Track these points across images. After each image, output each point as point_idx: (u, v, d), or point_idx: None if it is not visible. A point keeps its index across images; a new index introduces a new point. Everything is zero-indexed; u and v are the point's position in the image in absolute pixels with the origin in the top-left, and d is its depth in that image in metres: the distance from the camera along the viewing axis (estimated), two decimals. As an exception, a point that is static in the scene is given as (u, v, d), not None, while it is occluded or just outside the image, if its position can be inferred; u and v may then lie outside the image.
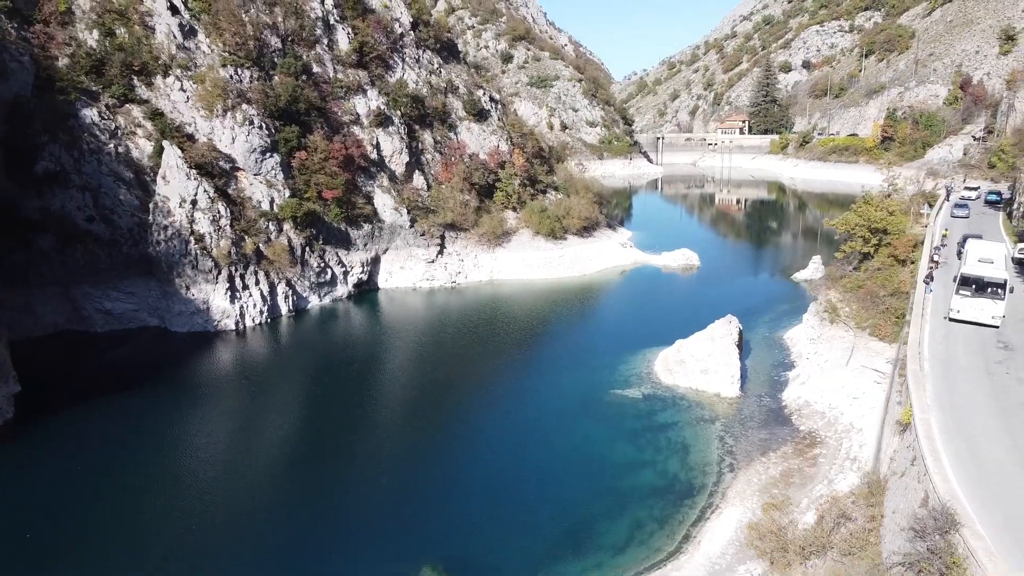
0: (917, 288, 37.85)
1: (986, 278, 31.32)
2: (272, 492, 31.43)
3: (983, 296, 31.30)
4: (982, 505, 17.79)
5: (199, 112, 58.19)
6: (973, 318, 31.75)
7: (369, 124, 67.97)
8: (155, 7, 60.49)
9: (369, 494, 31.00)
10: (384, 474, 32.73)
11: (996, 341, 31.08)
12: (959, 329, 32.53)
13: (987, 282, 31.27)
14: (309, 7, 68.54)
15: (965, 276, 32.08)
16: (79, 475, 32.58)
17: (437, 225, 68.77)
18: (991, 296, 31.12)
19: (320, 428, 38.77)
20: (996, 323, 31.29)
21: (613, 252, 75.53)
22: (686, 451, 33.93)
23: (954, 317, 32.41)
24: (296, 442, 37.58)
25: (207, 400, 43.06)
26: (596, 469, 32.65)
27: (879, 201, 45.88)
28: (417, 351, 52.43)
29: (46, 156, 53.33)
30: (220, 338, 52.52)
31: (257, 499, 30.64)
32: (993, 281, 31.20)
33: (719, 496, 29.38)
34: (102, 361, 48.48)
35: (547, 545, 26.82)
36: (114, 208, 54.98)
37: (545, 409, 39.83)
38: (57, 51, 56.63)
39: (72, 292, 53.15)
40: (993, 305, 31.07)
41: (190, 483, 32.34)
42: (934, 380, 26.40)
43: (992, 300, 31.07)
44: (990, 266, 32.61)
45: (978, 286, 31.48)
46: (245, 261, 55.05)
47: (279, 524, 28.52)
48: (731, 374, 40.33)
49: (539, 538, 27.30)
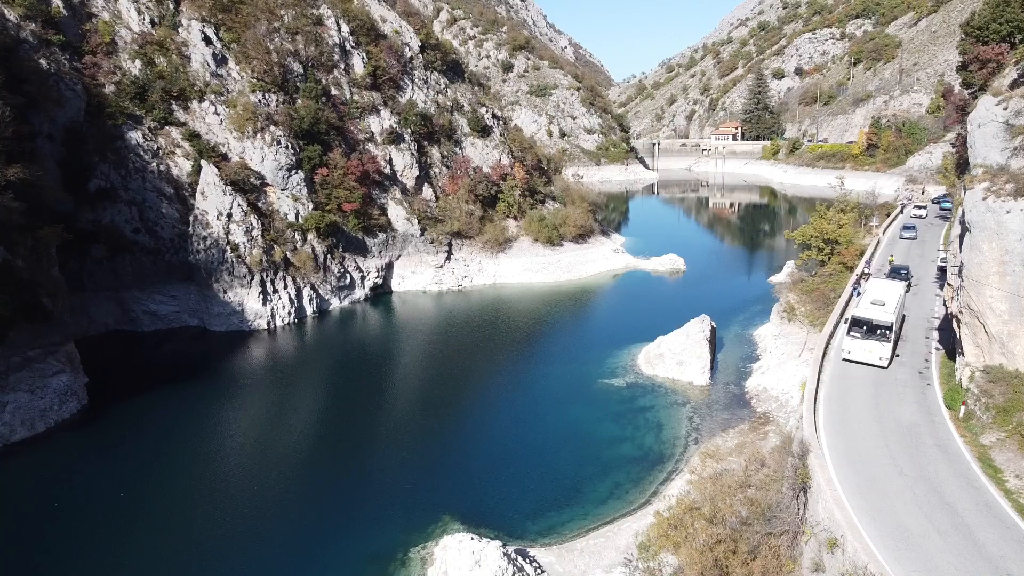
0: (844, 294, 44.24)
1: (874, 321, 31.86)
2: (310, 463, 37.87)
3: (871, 338, 31.93)
4: (833, 442, 24.60)
5: (231, 133, 64.69)
6: (862, 359, 32.45)
7: (382, 141, 74.51)
8: (190, 38, 67.09)
9: (394, 463, 37.43)
10: (405, 447, 39.18)
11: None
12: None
13: (875, 325, 31.83)
14: (327, 34, 75.12)
15: (855, 319, 32.70)
16: (146, 449, 39.01)
17: (445, 233, 75.28)
18: (879, 338, 31.77)
19: (346, 412, 45.17)
20: (883, 363, 31.97)
21: (606, 257, 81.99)
22: (660, 428, 40.38)
23: (846, 358, 33.00)
24: (326, 423, 44.04)
25: (245, 390, 49.52)
26: (584, 443, 39.07)
27: (832, 215, 52.27)
28: (428, 347, 58.86)
29: (97, 174, 59.90)
30: (254, 337, 58.97)
31: (298, 469, 37.09)
32: (880, 324, 31.86)
33: (684, 463, 35.77)
34: (150, 357, 54.91)
35: (543, 500, 33.24)
36: (157, 220, 61.52)
37: (542, 396, 46.33)
38: (104, 79, 63.13)
39: (121, 296, 59.67)
40: (880, 347, 31.88)
41: (236, 458, 38.86)
42: (833, 364, 33.09)
43: (879, 342, 31.79)
44: (880, 308, 32.93)
45: (868, 328, 32.14)
46: (275, 267, 61.53)
47: (320, 487, 34.88)
48: (702, 365, 46.79)
49: (536, 495, 33.72)
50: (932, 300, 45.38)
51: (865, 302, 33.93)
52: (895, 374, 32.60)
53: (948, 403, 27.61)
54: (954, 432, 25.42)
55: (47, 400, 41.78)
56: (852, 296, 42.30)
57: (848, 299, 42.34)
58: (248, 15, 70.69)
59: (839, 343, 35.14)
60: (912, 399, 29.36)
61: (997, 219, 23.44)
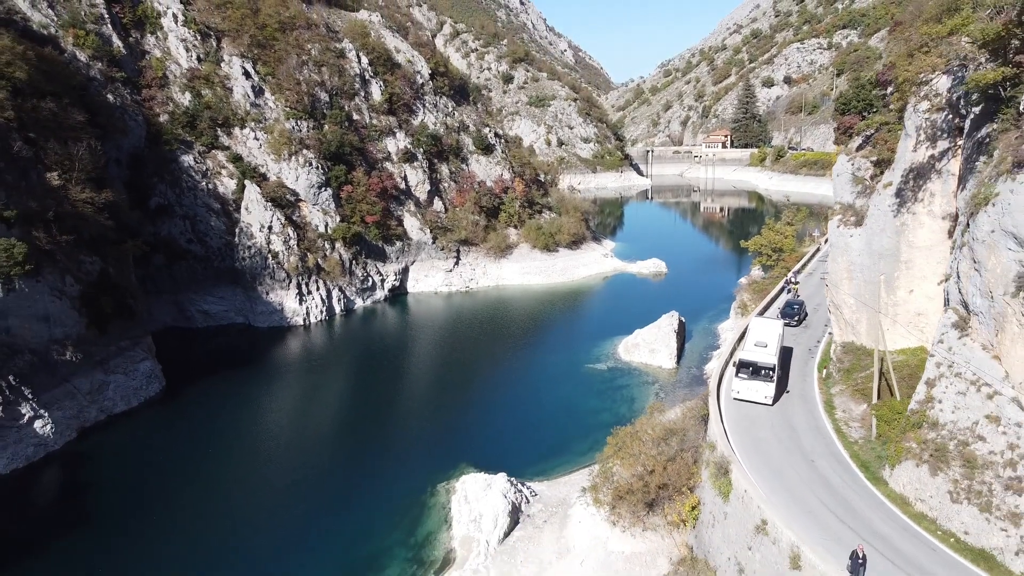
0: (772, 291, 53.97)
1: (759, 363, 33.55)
2: (350, 430, 47.68)
3: (757, 379, 33.55)
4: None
5: (269, 156, 74.60)
6: (750, 398, 33.83)
7: (398, 160, 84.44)
8: (232, 72, 77.05)
9: (419, 427, 47.27)
10: (426, 416, 49.04)
11: (800, 326, 46.86)
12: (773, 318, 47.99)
13: (760, 366, 33.51)
14: (349, 66, 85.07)
15: (742, 361, 34.07)
16: (214, 419, 48.83)
17: (453, 241, 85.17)
18: (764, 379, 33.41)
19: (374, 391, 54.95)
20: (768, 402, 33.50)
21: (597, 262, 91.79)
22: (632, 401, 50.19)
23: (736, 397, 34.24)
24: (359, 400, 53.87)
25: (288, 374, 59.33)
26: (571, 412, 48.83)
27: (780, 227, 62.02)
28: (441, 340, 68.65)
29: (156, 193, 69.85)
30: (291, 331, 68.81)
31: (340, 435, 47.01)
32: (764, 366, 33.54)
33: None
34: (205, 349, 64.71)
35: (538, 452, 43.00)
36: (207, 232, 71.39)
37: (538, 377, 56.18)
38: (159, 109, 73.05)
39: (178, 297, 69.55)
40: (765, 386, 33.40)
41: (287, 425, 48.81)
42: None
43: (764, 382, 33.40)
44: (763, 350, 34.41)
45: (753, 370, 33.72)
46: (308, 272, 71.40)
47: (361, 447, 44.61)
48: (670, 352, 56.61)
49: (534, 449, 43.49)
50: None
51: (749, 344, 35.52)
52: (795, 351, 41.94)
53: (819, 368, 37.53)
54: (816, 386, 35.46)
55: (137, 381, 51.70)
56: (783, 294, 52.16)
57: (777, 293, 52.18)
58: (280, 50, 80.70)
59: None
60: (797, 367, 39.03)
61: (845, 241, 32.92)
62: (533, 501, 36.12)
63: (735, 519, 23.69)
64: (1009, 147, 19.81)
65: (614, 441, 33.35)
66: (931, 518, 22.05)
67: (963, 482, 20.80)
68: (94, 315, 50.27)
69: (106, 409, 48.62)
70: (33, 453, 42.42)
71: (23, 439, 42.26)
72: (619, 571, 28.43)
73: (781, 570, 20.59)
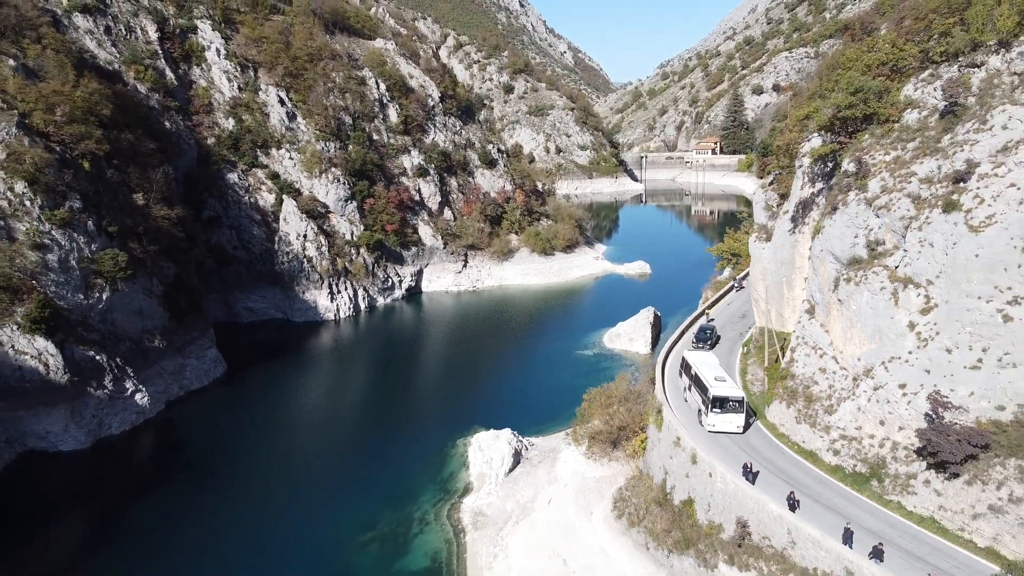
0: (724, 288, 65.06)
1: (731, 398, 36.39)
2: (378, 404, 59.05)
3: (729, 412, 36.38)
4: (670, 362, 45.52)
5: (303, 173, 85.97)
6: (724, 429, 36.55)
7: (413, 175, 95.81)
8: (268, 99, 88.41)
9: (438, 399, 58.71)
10: (443, 391, 60.47)
11: (740, 315, 57.56)
12: (721, 311, 58.75)
13: (732, 400, 36.38)
14: (369, 92, 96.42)
15: (716, 398, 36.28)
16: (268, 397, 60.15)
17: (462, 246, 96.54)
18: (734, 411, 36.36)
19: (397, 373, 66.33)
20: (739, 430, 36.39)
21: (589, 264, 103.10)
22: (612, 379, 61.23)
23: (711, 430, 36.71)
24: (384, 381, 65.24)
25: (323, 361, 70.65)
26: (563, 389, 59.94)
27: (738, 236, 73.23)
28: (452, 332, 80.00)
29: (208, 207, 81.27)
30: (324, 326, 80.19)
31: (370, 408, 58.41)
32: (735, 399, 36.41)
33: (623, 397, 56.91)
34: (251, 340, 75.94)
35: (536, 418, 54.27)
36: (250, 240, 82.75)
37: (536, 361, 67.59)
38: (207, 133, 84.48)
39: (227, 297, 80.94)
40: (737, 417, 36.38)
41: (325, 402, 60.32)
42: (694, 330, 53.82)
43: (735, 413, 36.36)
44: (726, 384, 37.38)
45: (726, 405, 36.38)
46: (338, 274, 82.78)
47: (388, 417, 55.91)
48: (646, 341, 67.98)
49: (533, 414, 54.76)
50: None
51: (710, 378, 37.98)
52: (729, 335, 52.81)
53: (744, 348, 48.66)
54: (738, 360, 46.42)
55: (207, 364, 63.12)
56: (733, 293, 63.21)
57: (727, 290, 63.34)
58: (310, 79, 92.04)
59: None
60: (727, 347, 49.80)
61: (759, 252, 44.00)
62: (531, 449, 47.55)
63: (664, 442, 34.96)
64: (830, 196, 30.76)
65: (587, 397, 44.89)
66: (786, 435, 33.32)
67: (804, 411, 31.97)
68: (173, 310, 61.65)
69: (185, 386, 60.03)
70: (136, 419, 53.82)
71: (128, 407, 53.71)
72: (591, 488, 39.83)
73: (687, 467, 31.95)
